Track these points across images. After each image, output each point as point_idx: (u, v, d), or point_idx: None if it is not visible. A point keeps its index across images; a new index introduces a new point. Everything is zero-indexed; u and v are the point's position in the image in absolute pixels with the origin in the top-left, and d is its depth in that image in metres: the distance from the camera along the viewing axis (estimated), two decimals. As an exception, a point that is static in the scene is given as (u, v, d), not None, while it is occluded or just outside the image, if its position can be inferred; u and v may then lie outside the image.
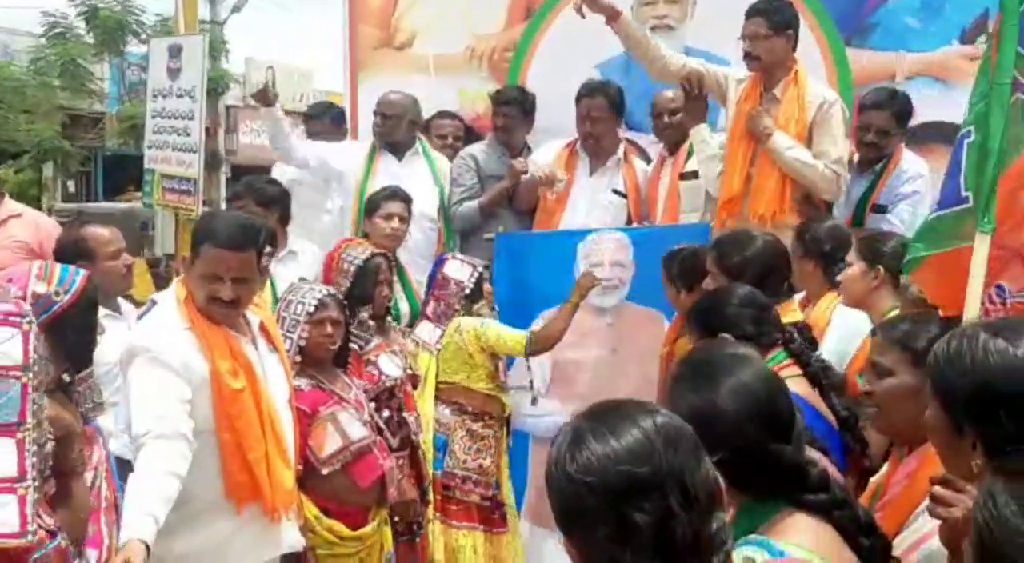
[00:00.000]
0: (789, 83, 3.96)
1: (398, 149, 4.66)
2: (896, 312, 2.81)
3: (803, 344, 2.62)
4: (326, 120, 5.37)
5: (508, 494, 3.88)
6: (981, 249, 2.15)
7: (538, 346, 3.69)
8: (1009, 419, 1.45)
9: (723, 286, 2.83)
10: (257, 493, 2.55)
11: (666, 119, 4.43)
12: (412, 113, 4.68)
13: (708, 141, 4.18)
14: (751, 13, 3.96)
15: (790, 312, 2.94)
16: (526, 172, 4.45)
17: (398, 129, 4.63)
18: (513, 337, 3.67)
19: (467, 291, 3.77)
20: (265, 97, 4.69)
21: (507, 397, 3.84)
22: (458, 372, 3.72)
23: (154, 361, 2.48)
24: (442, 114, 5.08)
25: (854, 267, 3.04)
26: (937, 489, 1.67)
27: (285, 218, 4.15)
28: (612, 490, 1.23)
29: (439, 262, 3.93)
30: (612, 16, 4.05)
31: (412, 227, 4.16)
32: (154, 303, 3.32)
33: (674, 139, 4.43)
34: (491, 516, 3.71)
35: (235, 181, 18.33)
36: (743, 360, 1.80)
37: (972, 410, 1.50)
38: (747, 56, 4.01)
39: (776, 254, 3.07)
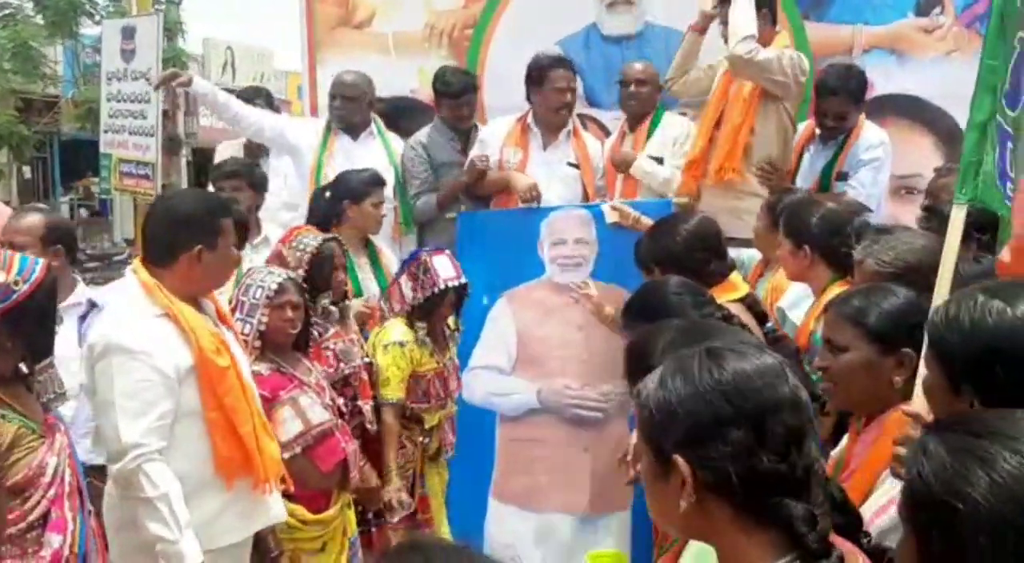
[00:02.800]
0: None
1: (354, 129, 4.63)
2: (836, 284, 2.86)
3: (744, 320, 2.63)
4: (260, 102, 5.25)
5: (437, 493, 3.74)
6: (957, 220, 2.12)
7: (382, 428, 3.45)
8: (1007, 378, 1.49)
9: (656, 279, 2.85)
10: (248, 467, 2.55)
11: (632, 89, 4.43)
12: (370, 93, 4.65)
13: (654, 173, 4.33)
14: None
15: (731, 290, 2.97)
16: (487, 166, 4.40)
17: (359, 111, 4.61)
18: (389, 387, 3.43)
19: (410, 306, 3.51)
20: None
21: (431, 414, 3.59)
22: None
23: (134, 361, 2.41)
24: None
25: (783, 247, 3.06)
26: (899, 449, 1.70)
27: (261, 204, 4.18)
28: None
29: (416, 254, 3.65)
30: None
31: None
32: (92, 304, 3.24)
33: (637, 112, 4.46)
34: (411, 517, 3.51)
35: (196, 164, 18.14)
36: (728, 330, 1.86)
37: (969, 370, 1.54)
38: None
39: (700, 241, 3.07)
